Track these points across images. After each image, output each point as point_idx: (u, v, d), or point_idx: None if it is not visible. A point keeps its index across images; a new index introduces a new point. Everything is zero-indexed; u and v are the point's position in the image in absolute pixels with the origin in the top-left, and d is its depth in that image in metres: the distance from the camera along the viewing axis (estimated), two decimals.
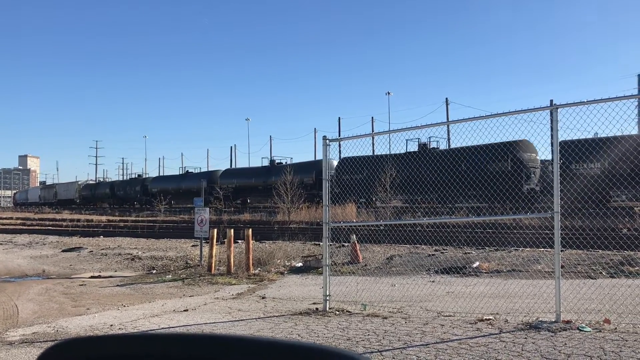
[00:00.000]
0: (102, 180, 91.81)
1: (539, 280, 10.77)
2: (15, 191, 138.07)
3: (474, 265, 13.47)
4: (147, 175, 73.25)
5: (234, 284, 12.97)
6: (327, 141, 9.60)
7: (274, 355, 0.85)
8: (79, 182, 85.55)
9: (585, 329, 6.79)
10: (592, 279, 10.91)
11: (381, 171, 26.66)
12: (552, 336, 6.58)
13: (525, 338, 6.55)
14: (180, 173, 62.16)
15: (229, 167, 64.02)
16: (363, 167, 26.43)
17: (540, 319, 7.47)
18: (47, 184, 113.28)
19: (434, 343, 6.52)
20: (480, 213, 24.91)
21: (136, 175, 74.11)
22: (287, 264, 15.72)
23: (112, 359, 0.95)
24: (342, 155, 35.17)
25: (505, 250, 15.42)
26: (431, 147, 33.61)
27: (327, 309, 8.88)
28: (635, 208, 20.14)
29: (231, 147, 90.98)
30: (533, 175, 29.44)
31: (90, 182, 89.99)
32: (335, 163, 34.87)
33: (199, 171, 60.41)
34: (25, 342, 7.35)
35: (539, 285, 9.68)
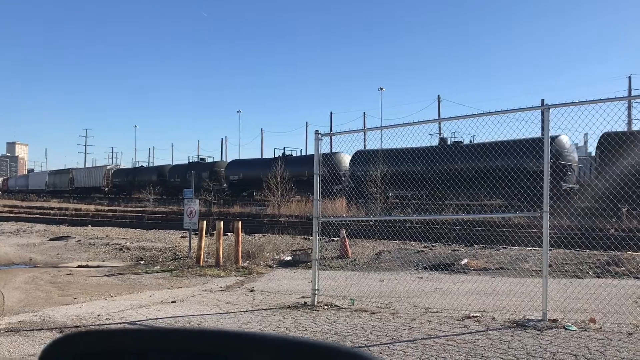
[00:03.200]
0: (146, 164, 71.81)
1: (527, 278, 10.84)
2: (4, 177, 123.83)
3: (463, 262, 13.53)
4: (213, 160, 55.91)
5: (223, 277, 12.95)
6: (319, 135, 9.60)
7: (281, 351, 0.85)
8: (108, 167, 70.33)
9: (571, 328, 6.85)
10: (579, 278, 11.00)
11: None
12: (538, 334, 6.63)
13: (512, 336, 6.59)
14: (276, 156, 43.60)
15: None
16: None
17: (527, 317, 7.52)
18: (58, 169, 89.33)
19: (421, 339, 6.55)
20: (470, 211, 25.00)
21: (198, 159, 56.62)
22: (276, 257, 15.72)
23: (118, 352, 0.95)
24: (334, 150, 34.64)
25: (494, 248, 15.50)
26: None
27: (316, 303, 8.89)
28: (622, 209, 20.30)
29: (222, 138, 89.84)
30: None
31: (121, 166, 74.16)
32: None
33: (301, 154, 44.44)
34: (11, 331, 7.30)
35: (526, 284, 9.74)
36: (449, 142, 30.16)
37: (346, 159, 35.02)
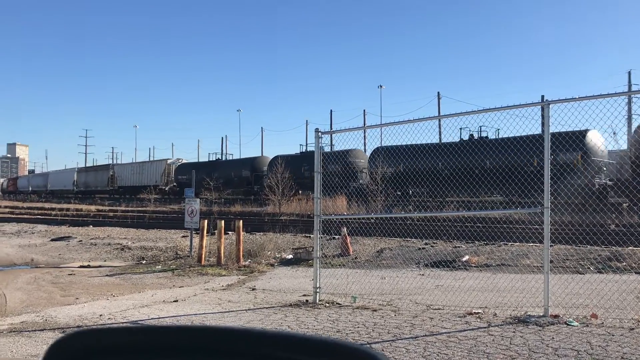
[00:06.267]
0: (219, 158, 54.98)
1: (528, 274, 10.84)
2: (10, 177, 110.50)
3: (464, 259, 13.53)
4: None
5: (224, 275, 12.96)
6: (320, 133, 9.59)
7: (282, 347, 0.85)
8: (169, 161, 56.95)
9: (572, 324, 6.85)
10: (580, 274, 11.00)
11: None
12: (540, 330, 6.63)
13: (514, 332, 6.60)
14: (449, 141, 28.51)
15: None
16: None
17: (529, 313, 7.52)
18: (92, 165, 76.40)
19: (423, 336, 6.56)
20: (471, 207, 24.98)
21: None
22: (277, 255, 15.72)
23: (122, 350, 0.96)
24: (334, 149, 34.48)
25: (495, 245, 15.50)
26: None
27: (317, 301, 8.89)
28: (623, 204, 20.30)
29: (222, 137, 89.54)
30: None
31: (184, 161, 58.25)
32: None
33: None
34: (14, 331, 7.31)
35: (527, 280, 9.75)
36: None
37: (595, 137, 24.49)
